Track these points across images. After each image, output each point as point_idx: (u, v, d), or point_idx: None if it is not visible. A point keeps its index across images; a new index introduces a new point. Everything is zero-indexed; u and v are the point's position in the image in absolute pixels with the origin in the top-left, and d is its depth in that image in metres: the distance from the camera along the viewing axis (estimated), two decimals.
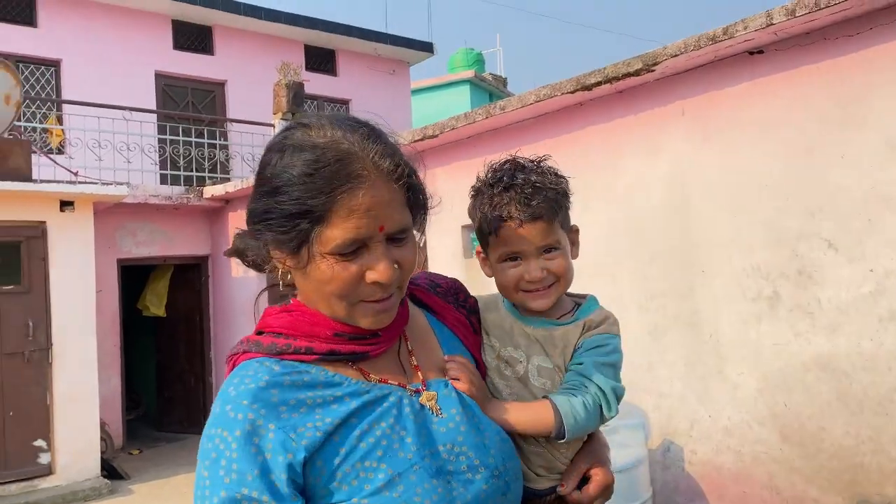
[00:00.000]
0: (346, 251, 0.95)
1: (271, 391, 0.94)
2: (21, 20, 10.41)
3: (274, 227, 0.97)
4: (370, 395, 1.00)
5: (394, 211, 0.97)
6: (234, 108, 11.87)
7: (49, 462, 6.83)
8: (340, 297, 0.98)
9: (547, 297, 1.22)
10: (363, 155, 0.96)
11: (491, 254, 1.26)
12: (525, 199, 1.19)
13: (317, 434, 0.93)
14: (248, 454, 0.90)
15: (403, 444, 0.98)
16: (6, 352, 6.66)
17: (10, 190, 6.51)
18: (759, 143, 4.12)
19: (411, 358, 1.10)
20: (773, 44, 4.04)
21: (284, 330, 1.02)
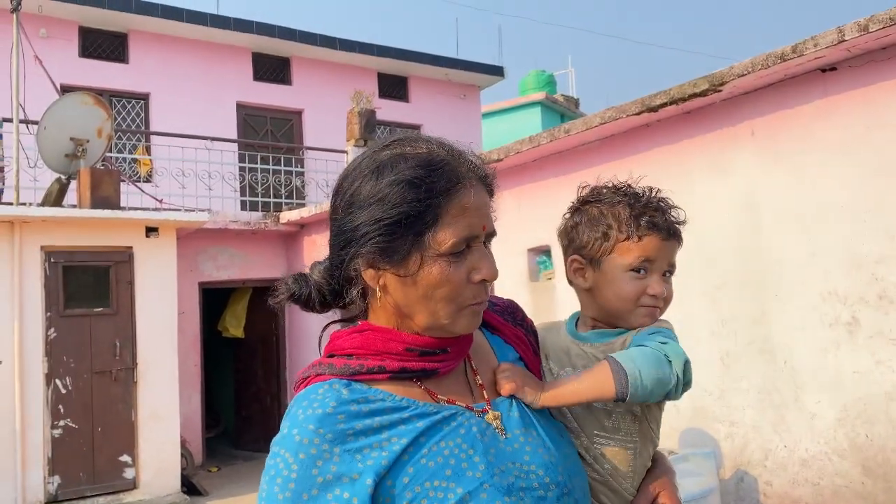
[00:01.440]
0: (458, 250, 0.99)
1: (338, 416, 0.95)
2: (114, 57, 11.09)
3: (382, 237, 0.98)
4: (438, 416, 1.01)
5: (489, 213, 1.05)
6: (310, 136, 12.26)
7: (133, 477, 7.14)
8: (450, 300, 1.00)
9: (653, 317, 1.25)
10: (461, 160, 1.03)
11: (610, 262, 1.26)
12: (675, 217, 1.27)
13: (382, 455, 0.94)
14: (307, 475, 0.91)
15: (472, 463, 0.98)
16: (96, 370, 7.03)
17: (101, 217, 6.91)
18: (834, 163, 3.98)
19: (476, 377, 1.11)
20: (846, 60, 3.91)
21: (355, 350, 1.04)
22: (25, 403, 6.69)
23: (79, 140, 7.20)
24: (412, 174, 0.97)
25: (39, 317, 6.82)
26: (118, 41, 11.15)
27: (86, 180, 6.95)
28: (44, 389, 6.80)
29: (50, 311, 6.87)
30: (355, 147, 9.32)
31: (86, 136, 7.24)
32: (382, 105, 12.23)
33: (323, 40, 12.45)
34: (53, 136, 7.10)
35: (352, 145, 9.37)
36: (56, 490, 6.78)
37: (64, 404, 6.88)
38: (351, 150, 9.36)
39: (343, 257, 1.03)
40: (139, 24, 11.09)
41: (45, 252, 6.87)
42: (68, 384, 6.92)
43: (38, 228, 6.83)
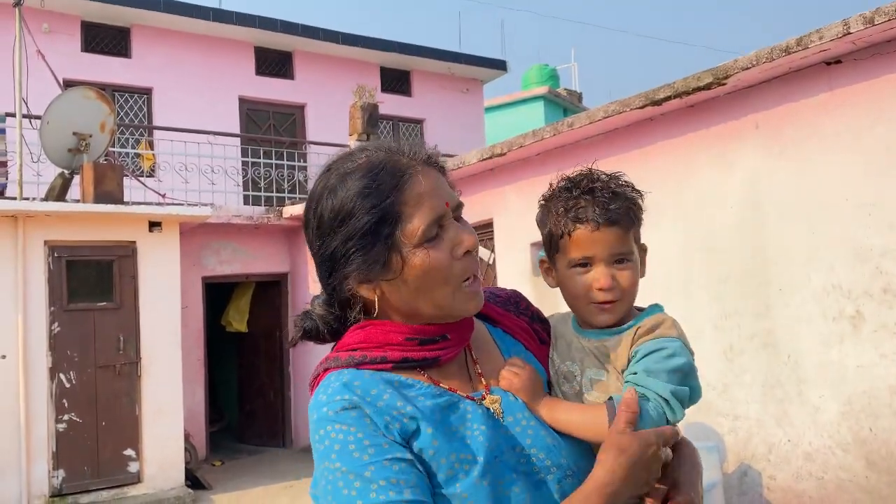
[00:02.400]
0: (432, 234, 1.02)
1: (355, 384, 1.01)
2: (116, 52, 11.08)
3: (359, 252, 1.02)
4: (442, 400, 1.04)
5: (448, 188, 1.08)
6: (312, 131, 12.24)
7: (137, 471, 7.16)
8: (444, 282, 1.04)
9: (611, 312, 1.18)
10: (399, 155, 1.06)
11: (560, 260, 1.22)
12: (604, 202, 1.17)
13: (404, 420, 0.99)
14: (369, 430, 0.97)
15: (486, 436, 1.02)
16: (100, 364, 7.05)
17: (105, 212, 6.91)
18: (839, 156, 3.96)
19: (475, 366, 1.13)
20: (851, 53, 3.89)
21: (358, 344, 1.07)
22: (30, 397, 6.71)
23: (82, 135, 7.20)
24: (361, 185, 1.02)
25: (43, 311, 6.83)
26: (121, 36, 11.14)
27: (89, 175, 6.96)
28: (48, 384, 6.82)
29: (53, 306, 6.88)
30: (358, 142, 9.31)
31: (89, 130, 7.24)
32: (385, 99, 12.21)
33: (325, 34, 12.42)
34: (56, 131, 7.11)
35: (354, 140, 9.37)
36: (60, 484, 6.80)
37: (68, 398, 6.90)
38: (353, 145, 9.30)
39: (334, 284, 1.08)
40: (142, 19, 11.08)
41: (49, 247, 6.88)
42: (72, 378, 6.94)
43: (41, 223, 6.83)
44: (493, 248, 6.34)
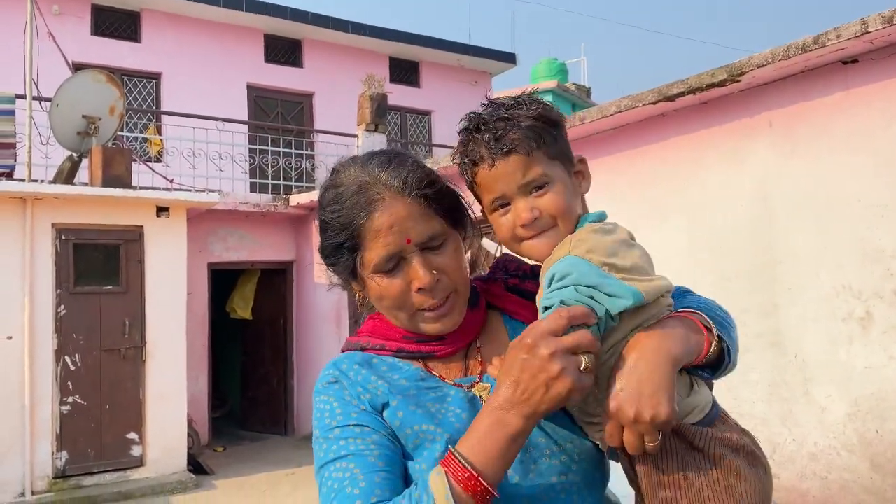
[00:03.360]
0: (386, 268, 1.07)
1: (342, 364, 1.13)
2: (126, 36, 11.07)
3: (331, 261, 1.13)
4: (425, 384, 1.11)
5: (416, 223, 1.07)
6: (320, 119, 12.23)
7: (140, 455, 7.19)
8: (397, 309, 1.10)
9: (543, 238, 1.08)
10: (375, 181, 1.08)
11: (484, 207, 1.14)
12: (492, 134, 1.07)
13: (377, 393, 1.08)
14: (344, 401, 1.08)
15: (458, 416, 1.06)
16: (105, 348, 7.07)
17: (113, 196, 6.91)
18: (852, 156, 3.94)
19: (478, 355, 1.16)
20: (868, 53, 3.87)
21: (367, 333, 1.19)
22: (35, 379, 6.73)
23: (91, 118, 7.20)
24: (333, 208, 1.09)
25: (50, 294, 6.84)
26: (131, 20, 11.12)
27: (97, 158, 6.96)
28: (53, 366, 6.84)
29: (60, 289, 6.89)
30: (366, 131, 9.29)
31: (98, 114, 7.24)
32: (393, 90, 12.18)
33: (335, 23, 12.39)
34: (66, 114, 7.10)
35: (363, 129, 9.34)
36: (64, 465, 6.83)
37: (73, 381, 6.92)
38: (362, 135, 9.33)
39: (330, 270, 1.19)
40: (152, 3, 11.06)
41: (57, 229, 6.89)
42: (77, 361, 6.96)
43: (49, 205, 6.84)
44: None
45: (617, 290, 0.98)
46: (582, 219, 1.09)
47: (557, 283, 1.00)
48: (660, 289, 1.03)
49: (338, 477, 1.00)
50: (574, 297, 0.97)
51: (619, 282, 0.99)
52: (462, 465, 0.91)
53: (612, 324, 0.99)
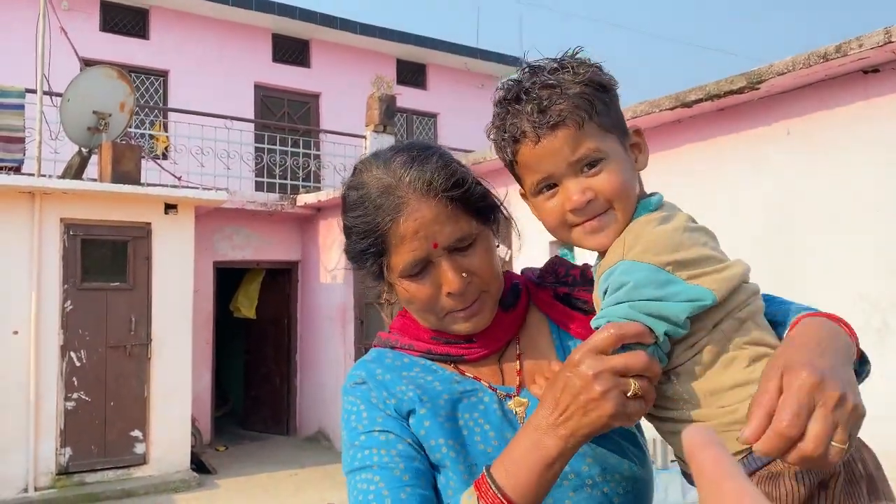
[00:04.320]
0: (413, 273, 1.03)
1: (373, 365, 1.11)
2: (134, 33, 11.06)
3: (358, 264, 1.10)
4: (459, 387, 1.07)
5: (442, 226, 1.01)
6: (326, 120, 12.22)
7: (144, 452, 7.16)
8: (427, 311, 1.06)
9: (601, 230, 0.96)
10: (399, 183, 1.02)
11: (525, 189, 1.02)
12: (537, 104, 0.93)
13: (404, 398, 1.05)
14: (370, 404, 1.06)
15: (485, 436, 1.01)
16: (111, 344, 7.04)
17: (122, 192, 6.90)
18: (872, 165, 3.94)
19: (517, 362, 1.09)
20: (890, 62, 3.87)
21: (398, 331, 1.15)
22: (40, 375, 6.70)
23: (101, 114, 7.19)
24: (356, 212, 1.05)
25: (57, 289, 6.82)
26: (139, 17, 11.12)
27: (107, 154, 6.94)
28: (58, 361, 6.82)
29: (67, 284, 6.87)
30: (374, 133, 9.28)
31: (108, 110, 7.23)
32: (401, 91, 12.18)
33: (343, 24, 12.39)
34: (76, 109, 7.09)
35: (371, 130, 9.34)
36: (67, 462, 6.80)
37: (78, 377, 6.90)
38: (370, 136, 9.33)
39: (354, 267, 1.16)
40: (161, 1, 11.05)
41: (65, 224, 6.87)
42: (83, 357, 6.93)
43: (58, 200, 6.82)
44: (510, 245, 6.33)
45: (683, 295, 0.88)
46: (640, 205, 0.98)
47: (611, 296, 0.91)
48: (735, 277, 0.93)
49: (363, 489, 0.99)
50: (628, 316, 0.88)
51: (685, 285, 0.89)
52: (494, 492, 0.88)
53: (681, 332, 0.89)
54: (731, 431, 0.87)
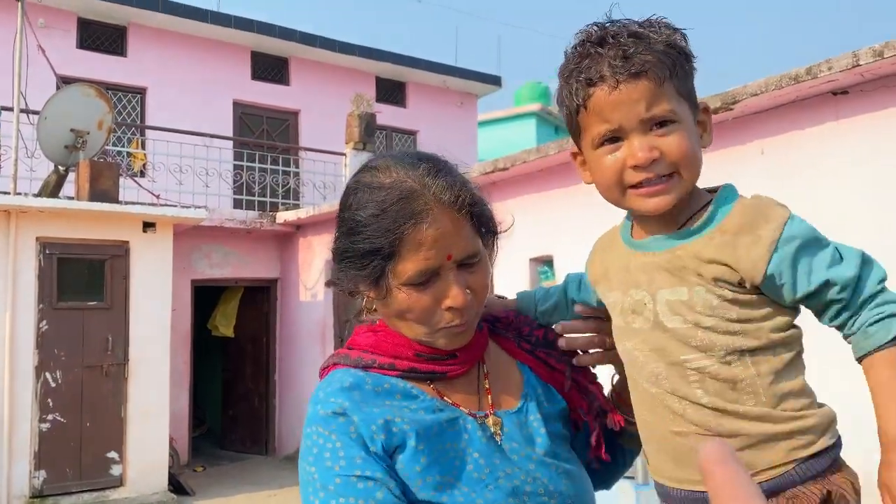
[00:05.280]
0: (419, 282, 1.01)
1: (354, 392, 1.02)
2: (112, 50, 11.01)
3: (354, 265, 1.04)
4: (444, 415, 1.04)
5: (460, 239, 1.02)
6: (306, 137, 12.22)
7: (120, 474, 7.05)
8: (420, 323, 1.04)
9: (664, 193, 0.92)
10: (424, 191, 1.01)
11: (585, 143, 0.97)
12: (622, 51, 0.89)
13: (393, 430, 1.00)
14: (349, 440, 0.98)
15: (477, 464, 1.02)
16: (87, 364, 6.95)
17: (99, 210, 6.84)
18: (844, 184, 4.04)
19: (485, 382, 1.12)
20: (859, 84, 3.98)
21: (370, 348, 1.09)
22: (14, 395, 6.59)
23: (79, 131, 7.14)
24: (371, 210, 1.01)
25: (32, 308, 6.73)
26: (117, 34, 11.07)
27: (85, 172, 6.89)
28: (33, 382, 6.71)
29: (42, 303, 6.78)
30: (354, 150, 9.30)
31: (86, 127, 7.18)
32: (380, 109, 12.23)
33: (322, 42, 12.43)
34: (54, 127, 7.03)
35: (351, 148, 9.36)
36: (41, 485, 6.68)
37: (53, 398, 6.79)
38: (350, 154, 9.35)
39: (340, 271, 1.09)
40: (139, 18, 11.02)
41: (41, 243, 6.79)
42: (58, 378, 6.83)
43: (34, 219, 6.75)
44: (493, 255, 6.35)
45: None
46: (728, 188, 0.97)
47: (821, 252, 0.90)
48: None
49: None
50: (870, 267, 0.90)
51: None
52: None
53: None
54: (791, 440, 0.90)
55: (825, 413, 0.93)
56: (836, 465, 0.93)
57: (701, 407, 0.93)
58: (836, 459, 0.93)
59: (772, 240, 0.91)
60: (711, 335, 0.93)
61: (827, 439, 0.92)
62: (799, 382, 0.93)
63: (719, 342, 0.92)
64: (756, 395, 0.92)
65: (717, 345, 0.92)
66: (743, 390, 0.92)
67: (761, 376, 0.92)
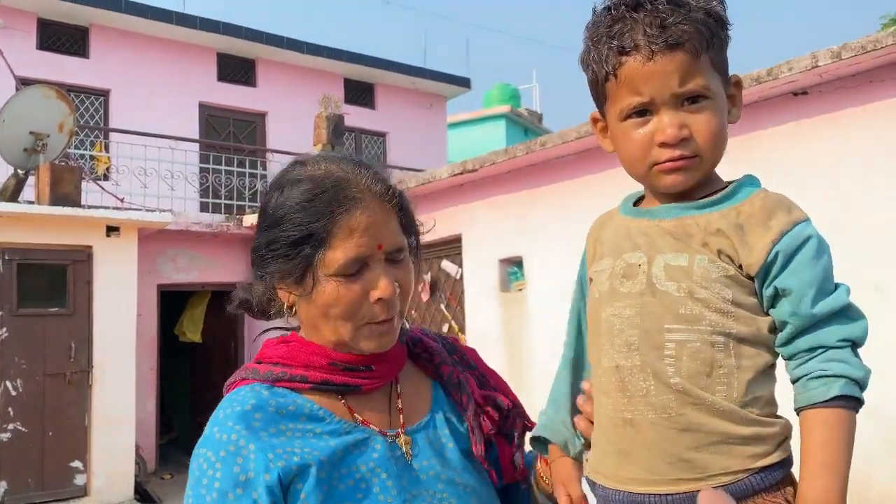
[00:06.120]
0: (350, 271, 0.99)
1: (255, 415, 0.98)
2: (74, 51, 10.80)
3: (279, 257, 1.01)
4: (350, 437, 1.02)
5: (389, 230, 1.03)
6: (273, 139, 12.12)
7: (84, 484, 6.91)
8: (346, 318, 1.01)
9: (685, 170, 0.90)
10: (357, 180, 1.02)
11: (611, 112, 0.94)
12: (659, 17, 0.85)
13: (294, 459, 0.95)
14: (230, 473, 0.93)
15: (384, 486, 0.99)
16: (49, 372, 6.80)
17: (61, 215, 6.70)
18: (804, 184, 4.10)
19: (398, 401, 1.10)
20: (818, 85, 4.05)
21: (281, 360, 1.05)
22: None
23: (39, 134, 6.99)
24: (300, 198, 1.00)
25: None
26: (79, 35, 10.87)
27: (45, 176, 6.75)
28: None
29: (2, 310, 6.62)
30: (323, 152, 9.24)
31: (46, 130, 7.03)
32: (349, 111, 12.16)
33: (290, 43, 12.34)
34: (12, 130, 6.88)
35: (319, 149, 9.30)
36: (3, 496, 6.51)
37: (14, 407, 6.63)
38: None
39: (257, 275, 1.07)
40: (101, 19, 10.83)
41: (0, 249, 6.63)
42: (19, 386, 6.67)
43: None
44: (460, 264, 6.36)
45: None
46: (750, 178, 0.95)
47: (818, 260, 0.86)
48: None
49: None
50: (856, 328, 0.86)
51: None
52: None
53: None
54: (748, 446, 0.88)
55: (785, 425, 0.91)
56: (789, 479, 0.91)
57: (667, 388, 0.89)
58: (789, 475, 0.91)
59: (780, 231, 0.89)
60: (702, 308, 0.89)
61: (782, 452, 0.90)
62: (770, 391, 0.92)
63: (709, 317, 0.89)
64: (729, 387, 0.89)
65: (705, 319, 0.89)
66: (717, 378, 0.89)
67: (741, 369, 0.89)
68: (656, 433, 0.90)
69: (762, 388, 0.90)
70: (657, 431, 0.90)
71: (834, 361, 0.85)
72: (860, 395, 0.85)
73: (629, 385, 0.92)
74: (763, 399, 0.90)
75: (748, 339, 0.89)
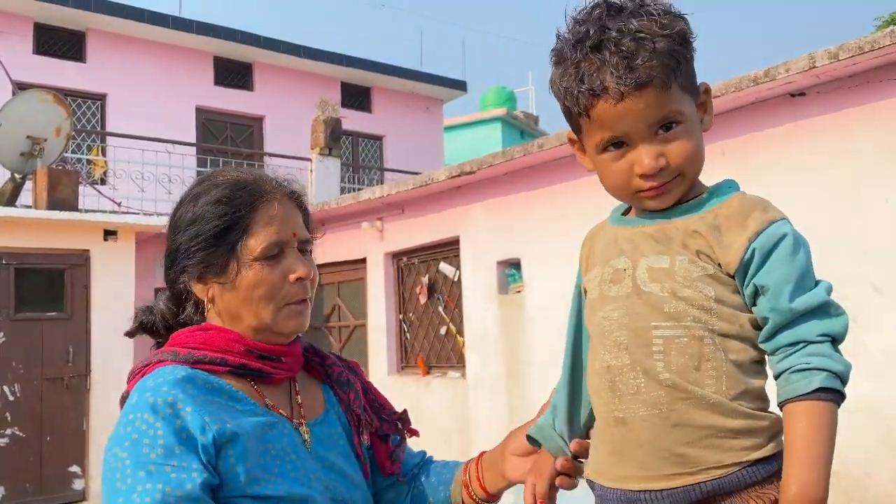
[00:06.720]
0: (271, 253, 1.11)
1: (187, 384, 1.05)
2: (71, 56, 10.80)
3: (203, 249, 1.11)
4: (265, 419, 1.10)
5: (300, 224, 1.18)
6: (270, 143, 12.12)
7: (83, 489, 6.89)
8: (269, 298, 1.12)
9: (667, 192, 0.94)
10: (269, 179, 1.18)
11: (587, 142, 0.96)
12: (624, 59, 0.86)
13: (227, 425, 1.02)
14: (173, 429, 0.98)
15: (295, 466, 1.09)
16: (47, 377, 6.79)
17: (58, 219, 6.69)
18: (802, 185, 4.12)
19: (297, 396, 1.20)
20: (816, 86, 4.06)
21: (200, 345, 1.12)
22: None
23: (36, 139, 6.98)
24: (221, 194, 1.12)
25: None
26: (75, 39, 10.87)
27: (43, 180, 6.74)
28: None
29: (0, 315, 6.61)
30: (320, 156, 9.25)
31: (44, 134, 7.03)
32: (346, 114, 12.17)
33: (287, 47, 12.35)
34: (9, 134, 6.87)
35: (317, 153, 9.30)
36: (1, 501, 6.49)
37: (11, 411, 6.61)
38: (315, 159, 9.28)
39: (172, 276, 1.16)
40: (98, 24, 10.83)
41: None
42: (16, 391, 6.65)
43: None
44: (458, 266, 6.36)
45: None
46: (729, 182, 0.98)
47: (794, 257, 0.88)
48: None
49: None
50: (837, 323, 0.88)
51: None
52: None
53: None
54: (739, 439, 0.89)
55: (776, 420, 0.92)
56: (781, 473, 0.90)
57: (657, 384, 0.91)
58: (781, 469, 0.90)
59: (756, 230, 0.91)
60: (686, 305, 0.92)
61: (774, 446, 0.91)
62: (760, 384, 0.93)
63: (693, 314, 0.91)
64: (718, 380, 0.90)
65: (690, 315, 0.91)
66: (707, 372, 0.90)
67: (728, 362, 0.91)
68: (648, 430, 0.92)
69: (752, 382, 0.92)
70: (649, 428, 0.92)
71: (815, 356, 0.86)
72: (841, 388, 0.86)
73: (620, 384, 0.94)
74: (752, 393, 0.92)
75: (732, 335, 0.92)
